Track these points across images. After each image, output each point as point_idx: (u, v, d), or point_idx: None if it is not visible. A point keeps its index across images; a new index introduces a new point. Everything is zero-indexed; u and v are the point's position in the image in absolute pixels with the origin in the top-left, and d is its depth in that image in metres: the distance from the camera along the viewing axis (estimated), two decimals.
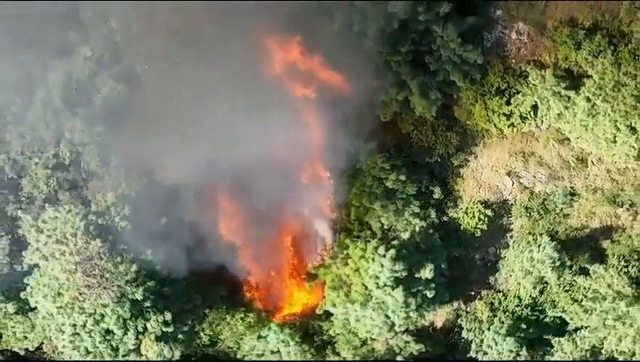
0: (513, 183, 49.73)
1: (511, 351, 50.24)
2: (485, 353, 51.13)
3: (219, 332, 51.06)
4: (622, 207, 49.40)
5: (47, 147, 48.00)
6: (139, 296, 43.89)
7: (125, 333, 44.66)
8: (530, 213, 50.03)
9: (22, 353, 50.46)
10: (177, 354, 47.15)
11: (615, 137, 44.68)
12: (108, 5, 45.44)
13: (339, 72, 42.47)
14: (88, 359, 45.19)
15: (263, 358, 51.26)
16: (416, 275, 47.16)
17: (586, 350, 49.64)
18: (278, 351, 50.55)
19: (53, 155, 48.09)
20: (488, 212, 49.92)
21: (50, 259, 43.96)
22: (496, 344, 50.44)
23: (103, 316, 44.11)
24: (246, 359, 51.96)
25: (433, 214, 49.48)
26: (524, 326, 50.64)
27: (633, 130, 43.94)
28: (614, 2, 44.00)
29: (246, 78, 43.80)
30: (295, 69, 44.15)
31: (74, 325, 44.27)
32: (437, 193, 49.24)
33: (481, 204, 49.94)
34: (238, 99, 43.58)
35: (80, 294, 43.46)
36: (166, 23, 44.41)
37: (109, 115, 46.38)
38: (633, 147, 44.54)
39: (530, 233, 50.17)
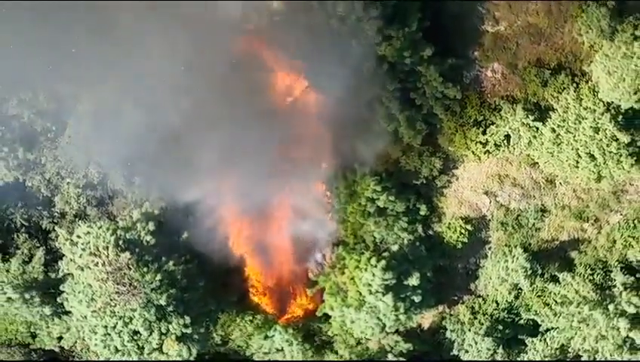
0: (490, 201, 52.68)
1: (489, 350, 53.51)
2: (466, 351, 54.31)
3: (230, 333, 54.43)
4: (587, 221, 52.96)
5: (78, 169, 51.71)
6: (163, 302, 47.59)
7: (150, 334, 48.31)
8: (505, 228, 53.13)
9: (57, 349, 54.17)
10: (194, 353, 50.41)
11: (577, 163, 48.16)
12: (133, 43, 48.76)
13: (336, 110, 46.26)
14: (117, 357, 48.58)
15: (269, 356, 54.34)
16: (405, 282, 50.08)
17: (556, 348, 53.06)
18: (283, 350, 53.64)
19: (83, 176, 51.98)
20: (469, 227, 52.81)
21: (85, 269, 47.69)
22: (476, 343, 53.68)
23: (131, 319, 47.74)
24: (254, 357, 54.99)
25: (420, 229, 52.11)
26: (500, 327, 53.76)
27: (592, 156, 47.64)
28: (577, 45, 47.45)
29: (253, 107, 46.95)
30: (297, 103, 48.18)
31: (105, 327, 47.95)
32: (423, 210, 51.79)
33: (462, 219, 52.80)
34: (246, 130, 46.89)
35: (111, 300, 47.09)
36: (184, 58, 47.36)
37: (132, 141, 49.06)
38: (592, 171, 48.21)
39: (505, 245, 53.25)
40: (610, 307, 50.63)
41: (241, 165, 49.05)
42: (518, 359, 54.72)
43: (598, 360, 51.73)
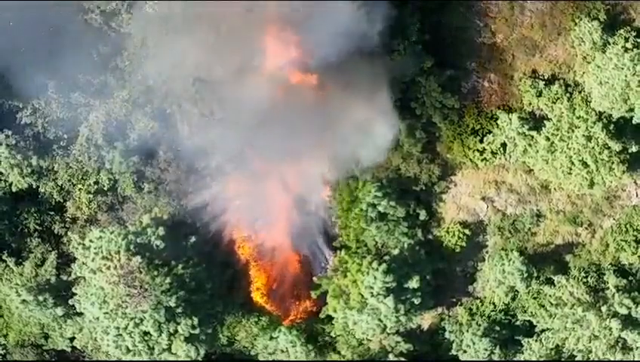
0: (487, 207, 53.79)
1: (486, 350, 54.30)
2: (465, 351, 55.10)
3: (236, 334, 55.36)
4: (581, 226, 54.19)
5: (89, 175, 52.27)
6: (172, 304, 48.62)
7: (160, 335, 49.38)
8: (502, 232, 54.11)
9: (69, 350, 55.20)
10: (202, 353, 51.44)
11: (570, 170, 49.40)
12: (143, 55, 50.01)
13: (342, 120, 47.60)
14: (129, 357, 49.63)
15: (273, 356, 55.15)
16: (405, 285, 50.92)
17: (551, 349, 53.92)
18: (287, 350, 54.50)
19: (94, 182, 52.53)
20: (467, 231, 53.70)
21: (97, 272, 48.80)
22: (474, 344, 54.45)
23: (142, 320, 48.82)
24: (259, 357, 55.77)
25: (419, 233, 52.96)
26: (498, 328, 54.64)
27: (585, 164, 48.97)
28: (570, 57, 49.04)
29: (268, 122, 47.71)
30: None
31: (117, 328, 48.98)
32: (422, 215, 52.75)
33: (461, 224, 53.76)
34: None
35: (123, 302, 48.12)
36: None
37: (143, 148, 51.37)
38: (585, 178, 49.53)
39: (502, 249, 54.16)
40: (603, 308, 51.77)
41: (248, 168, 50.57)
42: (515, 359, 55.67)
43: (591, 359, 52.90)
